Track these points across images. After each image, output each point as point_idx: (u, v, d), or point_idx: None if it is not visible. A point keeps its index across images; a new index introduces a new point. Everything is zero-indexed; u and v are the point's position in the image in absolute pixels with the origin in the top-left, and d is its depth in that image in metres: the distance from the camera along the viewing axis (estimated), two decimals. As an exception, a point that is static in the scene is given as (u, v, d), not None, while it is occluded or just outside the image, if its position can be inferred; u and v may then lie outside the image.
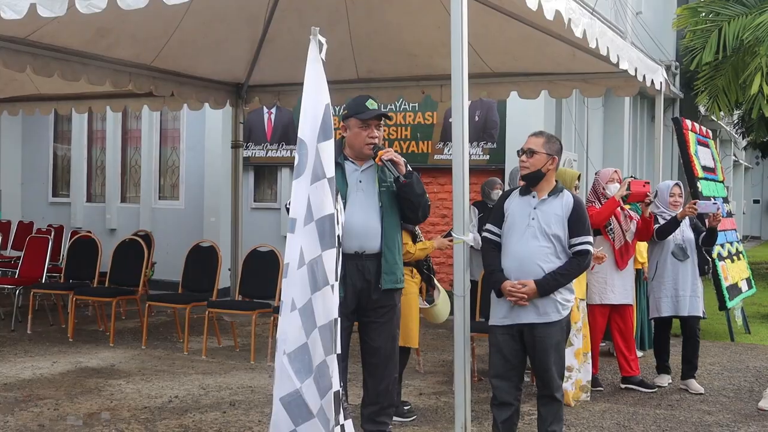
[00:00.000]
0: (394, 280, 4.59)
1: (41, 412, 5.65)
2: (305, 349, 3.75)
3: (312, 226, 3.77)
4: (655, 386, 6.62)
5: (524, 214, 4.44)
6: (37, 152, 13.56)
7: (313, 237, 3.76)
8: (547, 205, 4.44)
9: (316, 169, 3.80)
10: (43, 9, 4.77)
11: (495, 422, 4.52)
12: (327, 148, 3.82)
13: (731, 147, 25.62)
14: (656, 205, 6.77)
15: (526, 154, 4.46)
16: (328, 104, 3.87)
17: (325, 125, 3.83)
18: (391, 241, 4.56)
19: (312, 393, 3.72)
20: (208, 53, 8.45)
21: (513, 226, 4.46)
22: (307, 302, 3.76)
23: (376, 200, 4.54)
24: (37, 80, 9.04)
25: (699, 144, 9.73)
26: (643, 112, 15.22)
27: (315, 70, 3.91)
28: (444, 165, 10.18)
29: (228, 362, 7.38)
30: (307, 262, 3.75)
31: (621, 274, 6.45)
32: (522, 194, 4.54)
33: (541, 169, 4.44)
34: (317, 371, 3.73)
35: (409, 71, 8.52)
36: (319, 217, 3.77)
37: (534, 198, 4.48)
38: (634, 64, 7.03)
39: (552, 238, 4.38)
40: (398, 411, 5.41)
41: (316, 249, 3.76)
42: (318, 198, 3.78)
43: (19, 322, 8.84)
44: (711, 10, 12.45)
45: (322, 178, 3.79)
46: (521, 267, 4.36)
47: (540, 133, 4.57)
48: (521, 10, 5.87)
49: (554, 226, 4.39)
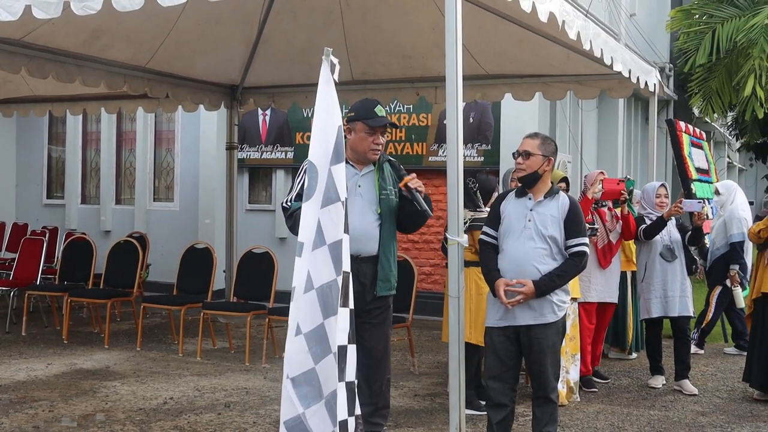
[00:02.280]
0: (389, 287, 4.60)
1: (36, 413, 5.65)
2: (313, 375, 3.64)
3: (324, 250, 3.70)
4: (607, 378, 6.85)
5: (520, 216, 4.45)
6: (31, 154, 13.53)
7: (326, 261, 3.69)
8: (543, 207, 4.45)
9: (329, 191, 3.74)
10: (38, 11, 4.78)
11: (490, 423, 4.53)
12: (339, 170, 3.78)
13: (725, 149, 25.68)
14: (643, 206, 6.83)
15: (522, 156, 4.47)
16: (340, 126, 3.85)
17: (338, 148, 3.79)
18: (387, 248, 4.57)
19: (319, 420, 3.64)
20: (202, 55, 8.45)
21: (509, 228, 4.46)
22: (318, 327, 3.66)
23: (375, 206, 4.53)
24: (31, 82, 9.04)
25: (693, 146, 9.75)
26: (637, 114, 15.25)
27: (327, 92, 3.88)
28: (438, 167, 10.18)
29: (223, 364, 7.38)
30: (317, 287, 3.67)
31: (604, 272, 6.59)
32: (518, 196, 4.54)
33: (538, 171, 4.45)
34: (329, 398, 3.64)
35: (404, 73, 8.53)
36: (332, 242, 3.71)
37: (530, 200, 4.48)
38: (628, 66, 7.06)
39: (548, 239, 4.39)
40: (473, 404, 5.64)
41: (329, 273, 3.69)
42: (331, 222, 3.73)
43: (14, 323, 8.83)
44: (704, 13, 12.51)
45: (336, 201, 3.74)
46: (518, 269, 4.37)
47: (535, 135, 4.58)
48: (515, 12, 5.88)
49: (550, 228, 4.40)
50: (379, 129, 4.54)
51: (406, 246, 10.21)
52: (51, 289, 9.14)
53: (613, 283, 6.74)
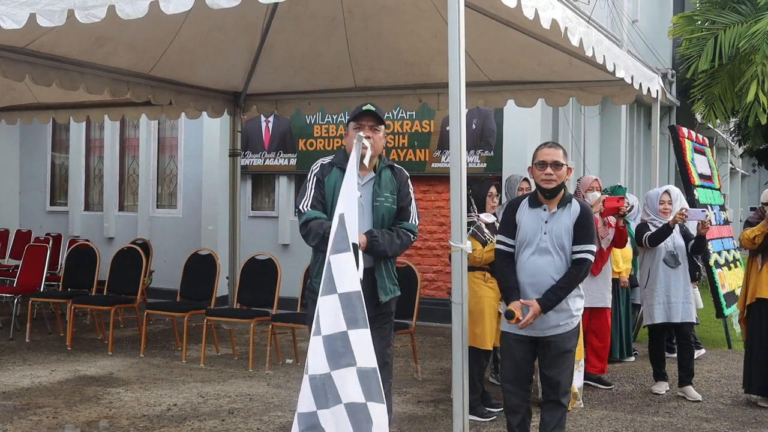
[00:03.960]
0: (391, 290, 4.59)
1: (40, 420, 5.65)
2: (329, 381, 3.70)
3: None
4: (611, 384, 6.89)
5: (536, 229, 4.42)
6: (35, 161, 13.56)
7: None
8: (558, 218, 4.42)
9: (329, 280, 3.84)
10: (43, 19, 4.81)
11: (510, 427, 4.56)
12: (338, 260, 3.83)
13: (728, 155, 25.65)
14: (646, 213, 6.85)
15: (552, 167, 4.40)
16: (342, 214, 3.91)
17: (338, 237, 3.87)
18: (380, 260, 4.52)
19: (335, 422, 3.67)
20: (206, 62, 8.47)
21: (524, 240, 4.44)
22: (341, 334, 3.72)
23: (371, 215, 4.49)
24: (35, 89, 9.06)
25: (695, 152, 9.77)
26: (640, 120, 15.26)
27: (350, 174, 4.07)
28: (441, 173, 10.20)
29: (226, 370, 7.39)
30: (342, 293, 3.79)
31: (595, 279, 6.70)
32: (531, 206, 4.49)
33: (564, 182, 4.48)
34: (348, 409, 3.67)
35: (406, 79, 8.54)
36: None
37: (545, 211, 4.44)
38: (631, 72, 7.06)
39: (563, 251, 4.39)
40: (477, 411, 5.64)
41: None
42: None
43: (18, 330, 8.84)
44: (707, 19, 12.50)
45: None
46: (535, 281, 4.37)
47: (557, 145, 4.55)
48: (518, 19, 5.90)
49: (565, 239, 4.40)
50: (365, 123, 4.46)
51: (408, 252, 10.19)
52: (54, 295, 9.14)
53: (605, 289, 6.88)
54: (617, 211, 6.51)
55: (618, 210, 6.49)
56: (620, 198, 6.58)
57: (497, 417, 5.75)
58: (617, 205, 6.47)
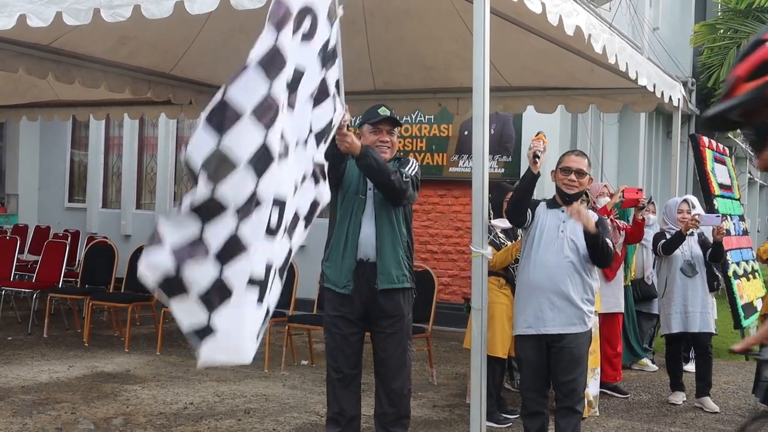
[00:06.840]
0: (390, 280, 4.51)
1: (59, 415, 5.69)
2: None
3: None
4: (627, 393, 6.88)
5: (553, 227, 4.51)
6: (54, 157, 13.66)
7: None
8: (575, 220, 4.50)
9: None
10: (69, 17, 4.85)
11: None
12: None
13: (746, 164, 25.49)
14: (665, 221, 6.85)
15: (577, 174, 4.55)
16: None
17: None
18: (381, 244, 4.50)
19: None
20: (227, 63, 8.44)
21: (541, 238, 4.50)
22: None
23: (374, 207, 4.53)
24: (56, 86, 9.12)
25: (716, 161, 9.71)
26: (658, 128, 15.19)
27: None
28: (459, 177, 10.19)
29: (242, 370, 7.40)
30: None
31: (609, 284, 6.72)
32: (549, 207, 4.61)
33: (584, 190, 4.64)
34: None
35: (426, 84, 8.54)
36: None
37: (563, 212, 4.56)
38: (653, 80, 7.04)
39: (578, 250, 4.46)
40: (493, 417, 5.59)
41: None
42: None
43: (36, 325, 8.90)
44: (729, 27, 12.46)
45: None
46: (550, 279, 4.42)
47: (583, 154, 4.70)
48: (541, 25, 5.89)
49: (581, 238, 4.46)
50: (384, 127, 4.54)
51: (424, 256, 10.20)
52: (73, 292, 9.20)
53: (618, 293, 6.91)
54: (637, 203, 6.54)
55: (638, 202, 6.52)
56: (639, 189, 6.63)
57: (513, 423, 5.74)
58: (636, 197, 6.50)
